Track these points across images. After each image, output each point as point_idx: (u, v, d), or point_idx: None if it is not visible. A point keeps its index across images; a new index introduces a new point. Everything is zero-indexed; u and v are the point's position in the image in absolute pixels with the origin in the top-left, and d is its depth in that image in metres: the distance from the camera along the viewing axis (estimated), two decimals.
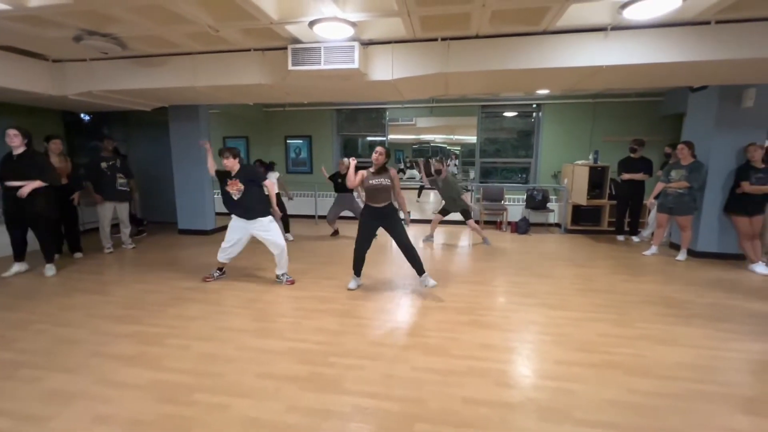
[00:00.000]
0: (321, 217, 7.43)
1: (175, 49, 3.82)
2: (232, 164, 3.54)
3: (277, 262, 3.74)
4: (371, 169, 3.41)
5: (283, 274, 3.78)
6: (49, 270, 4.02)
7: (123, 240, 5.19)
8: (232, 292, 3.55)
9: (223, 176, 3.60)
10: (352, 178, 3.39)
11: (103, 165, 4.82)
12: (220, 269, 3.93)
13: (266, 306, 3.24)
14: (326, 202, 7.50)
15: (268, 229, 3.65)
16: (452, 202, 5.32)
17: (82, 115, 6.34)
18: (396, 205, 3.51)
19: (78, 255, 4.73)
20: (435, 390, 2.06)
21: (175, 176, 6.09)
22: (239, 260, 4.62)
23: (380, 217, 3.43)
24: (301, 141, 7.72)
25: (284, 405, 1.94)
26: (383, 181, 3.36)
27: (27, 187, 3.71)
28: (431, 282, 3.40)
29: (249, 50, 3.82)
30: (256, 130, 7.84)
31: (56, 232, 4.41)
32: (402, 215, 3.67)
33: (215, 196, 6.41)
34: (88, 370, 2.26)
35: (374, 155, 3.38)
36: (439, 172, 5.26)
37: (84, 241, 5.01)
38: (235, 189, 3.56)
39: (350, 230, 5.98)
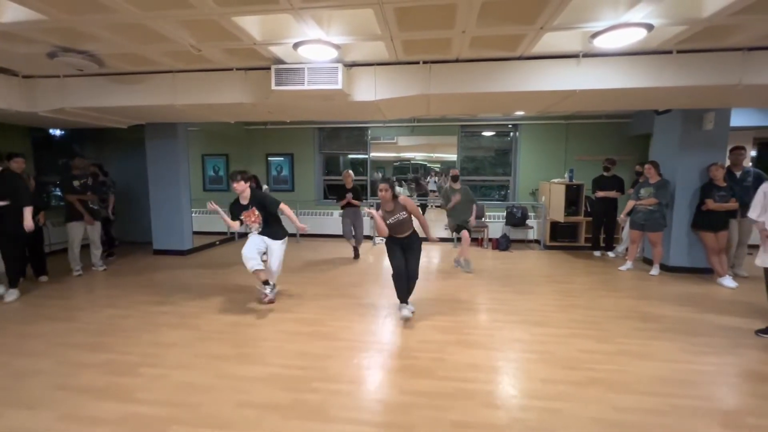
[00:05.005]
0: (303, 236, 7.33)
1: (155, 67, 3.77)
2: (243, 188, 3.42)
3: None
4: (385, 208, 3.24)
5: (272, 286, 3.70)
6: (11, 295, 3.78)
7: (93, 262, 4.94)
8: (211, 315, 3.42)
9: (238, 210, 3.49)
10: (382, 228, 3.21)
11: (75, 183, 4.62)
12: (266, 283, 3.67)
13: (247, 329, 3.13)
14: (309, 220, 7.44)
15: (279, 249, 3.64)
16: (466, 210, 5.06)
17: (51, 131, 6.11)
18: (420, 232, 3.40)
19: (43, 278, 4.47)
20: (423, 414, 2.02)
21: (150, 195, 5.90)
22: (220, 281, 4.49)
23: (404, 244, 3.31)
24: (282, 158, 7.68)
25: None
26: (400, 216, 3.22)
27: None
28: (409, 310, 3.30)
29: (231, 69, 3.81)
30: (236, 148, 7.75)
31: (21, 254, 4.17)
32: (429, 236, 3.59)
33: (193, 215, 6.26)
34: (52, 405, 2.10)
35: (379, 194, 3.21)
36: (456, 178, 5.14)
37: (50, 263, 4.74)
38: (255, 220, 3.48)
39: (345, 250, 5.91)
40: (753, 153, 6.56)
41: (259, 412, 2.04)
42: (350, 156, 8.13)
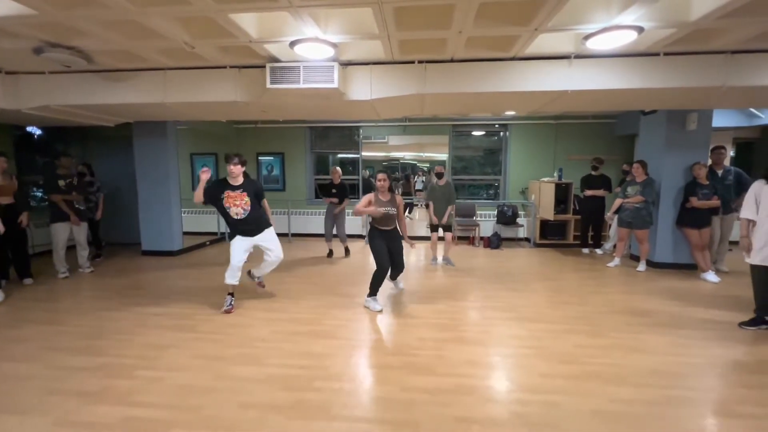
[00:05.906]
0: (294, 235, 7.29)
1: (145, 64, 3.69)
2: (239, 172, 3.33)
3: (264, 268, 3.74)
4: (380, 196, 3.49)
5: (258, 277, 3.84)
6: None
7: (80, 263, 4.81)
8: (205, 316, 3.37)
9: (221, 190, 3.30)
10: (363, 208, 3.43)
11: (61, 183, 4.49)
12: (232, 294, 3.55)
13: (243, 330, 3.10)
14: (300, 219, 7.40)
15: (272, 237, 3.59)
16: (443, 209, 5.09)
17: (28, 129, 5.91)
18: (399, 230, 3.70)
19: (28, 281, 4.33)
20: (426, 410, 2.04)
21: (139, 194, 5.78)
22: (212, 281, 4.43)
23: (388, 237, 3.58)
24: (272, 158, 7.61)
25: None
26: (391, 210, 3.48)
27: None
28: (401, 285, 3.99)
29: (225, 67, 3.75)
30: (226, 147, 7.62)
31: (3, 255, 4.04)
32: (405, 236, 3.77)
33: (183, 215, 6.15)
34: (46, 410, 2.04)
35: (378, 183, 3.49)
36: (440, 175, 5.15)
37: (35, 265, 4.59)
38: (241, 204, 3.32)
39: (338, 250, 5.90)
40: (732, 153, 6.80)
41: (262, 412, 2.03)
42: (340, 155, 8.12)
